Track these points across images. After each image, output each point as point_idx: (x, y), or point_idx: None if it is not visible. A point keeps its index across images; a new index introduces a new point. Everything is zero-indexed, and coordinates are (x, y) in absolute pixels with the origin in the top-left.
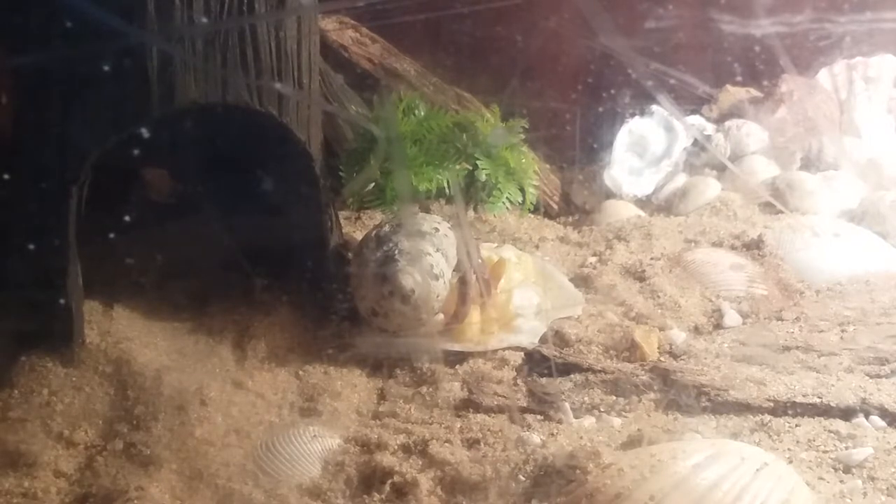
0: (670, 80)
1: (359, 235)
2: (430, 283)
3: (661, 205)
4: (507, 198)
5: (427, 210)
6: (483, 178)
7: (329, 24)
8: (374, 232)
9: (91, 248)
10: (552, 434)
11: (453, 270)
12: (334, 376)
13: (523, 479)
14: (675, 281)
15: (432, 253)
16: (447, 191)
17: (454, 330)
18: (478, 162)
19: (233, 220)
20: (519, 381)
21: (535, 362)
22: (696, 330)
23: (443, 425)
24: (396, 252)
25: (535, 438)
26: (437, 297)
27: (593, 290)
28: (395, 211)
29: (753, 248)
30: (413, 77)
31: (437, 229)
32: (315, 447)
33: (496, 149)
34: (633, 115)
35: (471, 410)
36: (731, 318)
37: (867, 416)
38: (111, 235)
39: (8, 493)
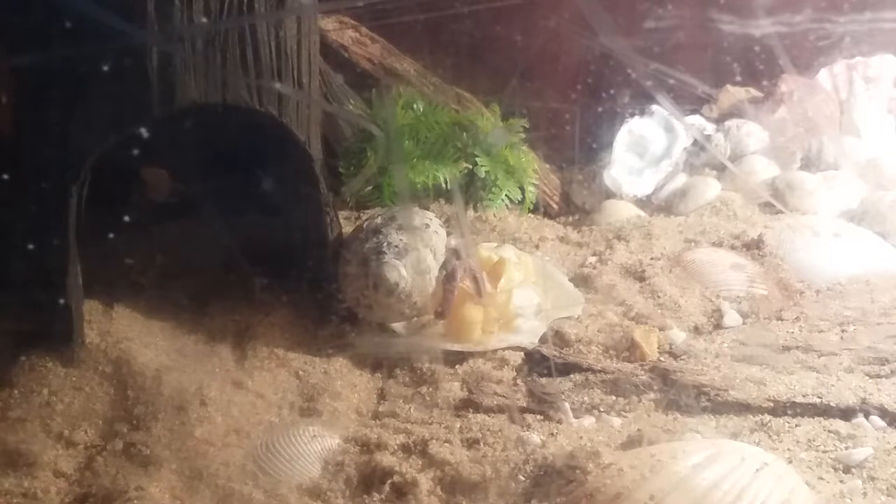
0: (670, 80)
1: None
2: (415, 278)
3: (661, 205)
4: (506, 195)
5: (426, 209)
6: (482, 174)
7: (329, 24)
8: (365, 223)
9: (91, 248)
10: (552, 434)
11: (440, 268)
12: (334, 376)
13: (523, 479)
14: (675, 281)
15: (420, 248)
16: (445, 188)
17: (455, 329)
18: (477, 159)
19: (233, 220)
20: (519, 381)
21: (535, 362)
22: (696, 330)
23: (443, 425)
24: (385, 245)
25: (535, 438)
26: (423, 292)
27: (593, 290)
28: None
29: (753, 248)
30: (413, 77)
31: (427, 225)
32: (315, 447)
33: (496, 147)
34: (633, 115)
35: (471, 410)
36: (731, 318)
37: (867, 416)
38: (111, 235)
39: (8, 493)
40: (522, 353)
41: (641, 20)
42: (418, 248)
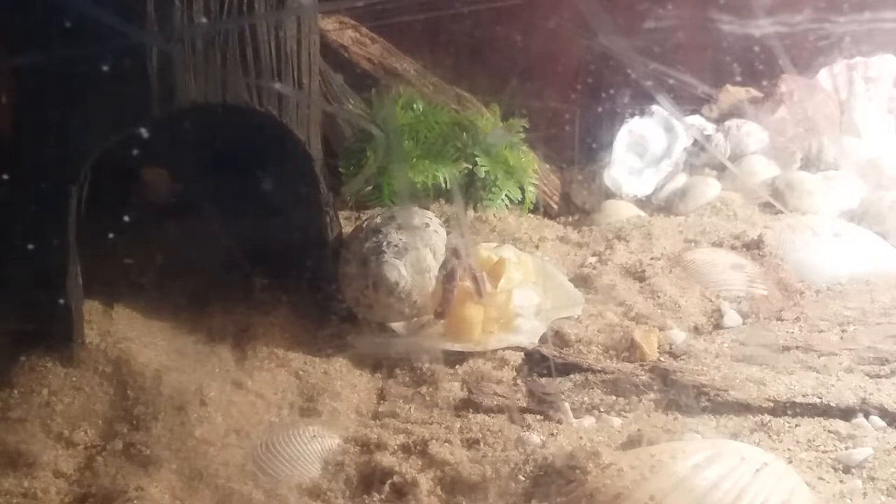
0: (670, 80)
1: None
2: (415, 278)
3: (661, 205)
4: (505, 195)
5: (426, 209)
6: (482, 174)
7: (329, 24)
8: (365, 223)
9: (91, 248)
10: (552, 434)
11: (440, 267)
12: (334, 376)
13: (523, 479)
14: (675, 281)
15: (420, 247)
16: (445, 187)
17: (455, 329)
18: (477, 159)
19: (233, 221)
20: (519, 381)
21: (535, 362)
22: (696, 330)
23: (443, 425)
24: (385, 244)
25: (535, 438)
26: (423, 291)
27: (593, 290)
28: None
29: (753, 248)
30: (413, 77)
31: (427, 224)
32: (315, 447)
33: (495, 148)
34: (633, 115)
35: (471, 410)
36: (731, 318)
37: (867, 416)
38: (111, 235)
39: (8, 493)
40: (522, 353)
41: (641, 20)
42: (418, 248)
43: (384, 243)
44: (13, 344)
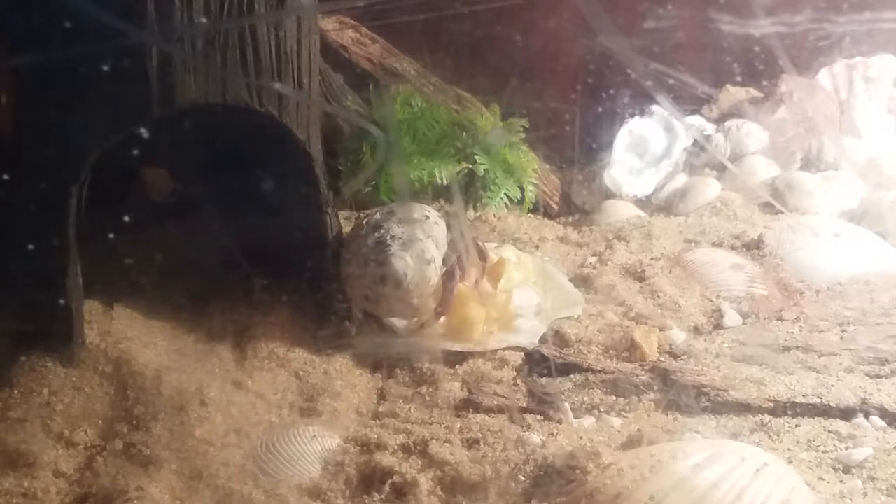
0: (670, 80)
1: None
2: (422, 268)
3: (661, 205)
4: (505, 193)
5: None
6: (481, 172)
7: (329, 24)
8: (365, 220)
9: (91, 248)
10: (552, 434)
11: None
12: (334, 376)
13: (523, 479)
14: (675, 281)
15: (423, 239)
16: (441, 184)
17: (455, 329)
18: (476, 158)
19: (233, 220)
20: (519, 381)
21: (535, 362)
22: (696, 330)
23: (443, 425)
24: (388, 238)
25: (535, 438)
26: (429, 282)
27: (593, 290)
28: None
29: (753, 248)
30: (413, 77)
31: (427, 217)
32: (315, 447)
33: (495, 147)
34: (633, 115)
35: (471, 410)
36: (731, 318)
37: (867, 416)
38: (111, 235)
39: (8, 493)
40: (522, 354)
41: (641, 20)
42: (421, 239)
43: (388, 237)
44: (13, 344)
